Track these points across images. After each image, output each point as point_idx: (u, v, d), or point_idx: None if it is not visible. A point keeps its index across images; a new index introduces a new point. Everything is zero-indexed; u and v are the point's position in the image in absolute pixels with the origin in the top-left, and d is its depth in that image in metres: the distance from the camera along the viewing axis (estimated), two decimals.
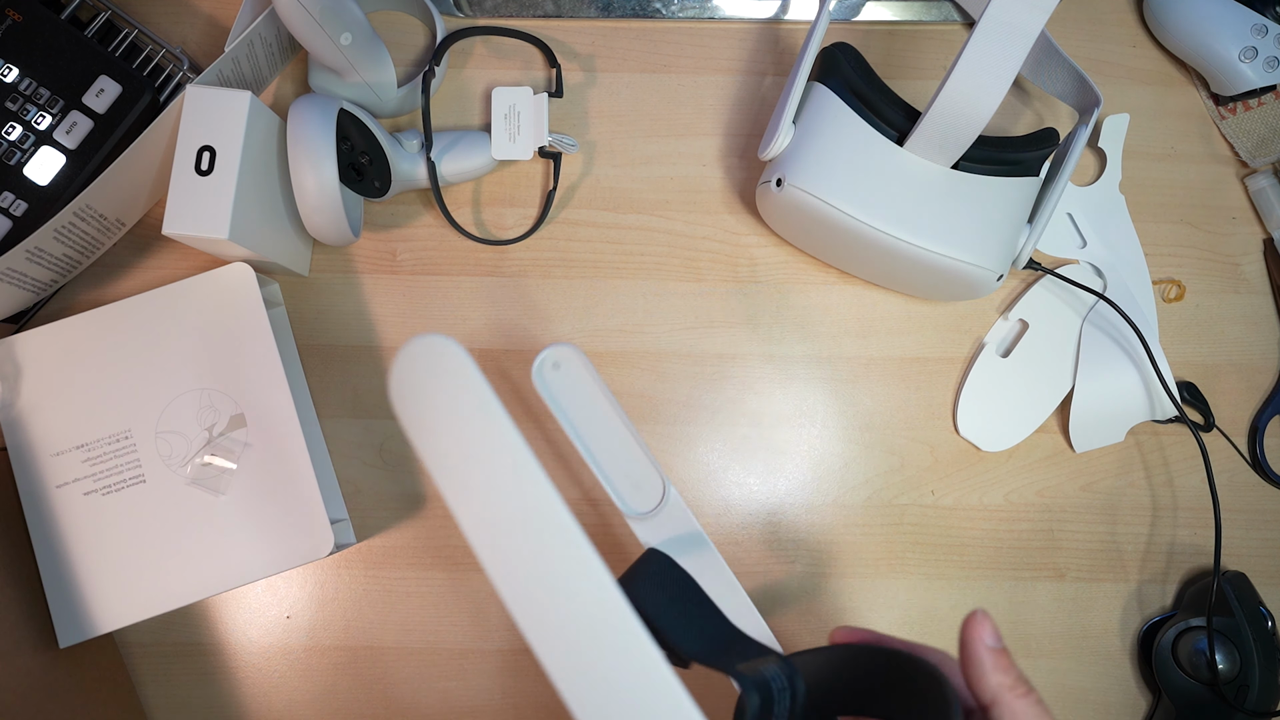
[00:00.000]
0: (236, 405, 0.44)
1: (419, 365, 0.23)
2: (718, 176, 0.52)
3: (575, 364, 0.37)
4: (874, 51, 0.53)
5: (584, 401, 0.37)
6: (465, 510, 0.23)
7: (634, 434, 0.39)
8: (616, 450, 0.38)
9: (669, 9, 0.53)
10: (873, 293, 0.51)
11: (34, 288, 0.45)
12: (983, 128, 0.40)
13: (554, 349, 0.36)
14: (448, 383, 0.23)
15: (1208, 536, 0.49)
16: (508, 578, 0.23)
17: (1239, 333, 0.51)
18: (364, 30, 0.46)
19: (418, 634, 0.48)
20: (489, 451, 0.23)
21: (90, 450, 0.43)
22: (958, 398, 0.50)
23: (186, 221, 0.41)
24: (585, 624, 0.22)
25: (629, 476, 0.39)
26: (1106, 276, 0.51)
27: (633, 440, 0.39)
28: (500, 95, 0.50)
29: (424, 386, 0.23)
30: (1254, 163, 0.52)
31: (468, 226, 0.51)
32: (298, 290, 0.50)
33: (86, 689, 0.43)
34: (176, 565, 0.43)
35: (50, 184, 0.45)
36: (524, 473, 0.23)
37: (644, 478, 0.39)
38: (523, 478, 0.23)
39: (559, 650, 0.23)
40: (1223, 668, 0.45)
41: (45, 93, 0.45)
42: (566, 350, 0.37)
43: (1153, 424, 0.50)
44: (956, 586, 0.49)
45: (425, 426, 0.23)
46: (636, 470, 0.39)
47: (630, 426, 0.38)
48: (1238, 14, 0.51)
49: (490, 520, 0.23)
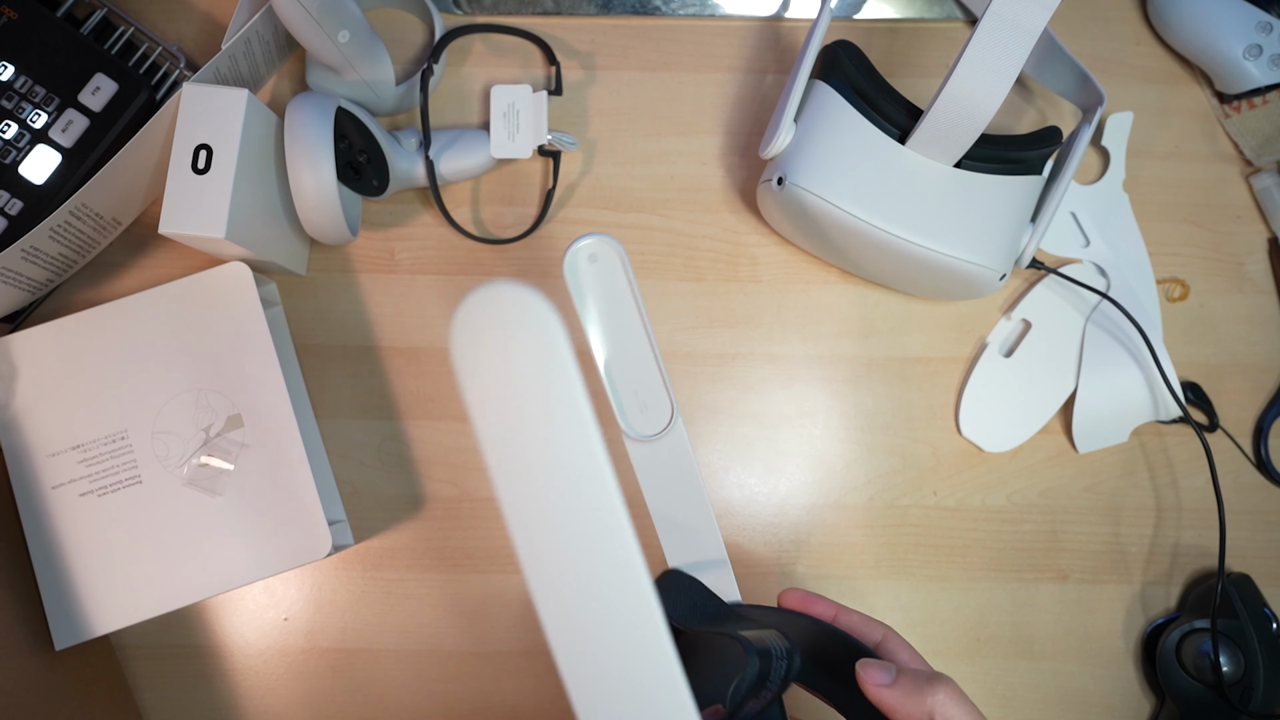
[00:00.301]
0: (233, 406, 0.44)
1: (495, 315, 0.20)
2: (718, 175, 0.52)
3: (613, 261, 0.33)
4: (876, 49, 0.53)
5: (611, 304, 0.34)
6: (507, 476, 0.21)
7: (655, 353, 0.35)
8: (631, 365, 0.35)
9: (669, 6, 0.53)
10: (874, 292, 0.51)
11: (29, 287, 0.45)
12: (985, 126, 0.40)
13: (595, 239, 0.33)
14: (529, 346, 0.20)
15: (1212, 538, 0.49)
16: (539, 557, 0.22)
17: (1243, 332, 0.51)
18: (362, 28, 0.46)
19: (416, 636, 0.48)
20: (553, 424, 0.21)
21: (86, 451, 0.43)
22: (960, 398, 0.50)
23: (183, 220, 0.40)
24: (611, 618, 0.22)
25: (638, 395, 0.36)
26: (1110, 276, 0.50)
27: (652, 359, 0.35)
28: (499, 93, 0.50)
29: (498, 342, 0.20)
30: (1259, 161, 0.52)
31: (467, 225, 0.51)
32: (295, 290, 0.50)
33: (83, 692, 0.43)
34: (173, 567, 0.42)
35: (46, 183, 0.45)
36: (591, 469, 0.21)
37: (654, 400, 0.36)
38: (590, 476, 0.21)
39: (563, 611, 0.22)
40: (1227, 670, 0.44)
41: (41, 91, 0.45)
42: (607, 244, 0.33)
43: (1156, 424, 0.50)
44: (959, 588, 0.49)
45: (487, 385, 0.21)
46: (647, 390, 0.36)
47: (654, 344, 0.35)
48: (1242, 12, 0.50)
49: (534, 494, 0.21)
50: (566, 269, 0.33)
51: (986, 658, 0.48)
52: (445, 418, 0.49)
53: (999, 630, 0.49)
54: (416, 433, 0.49)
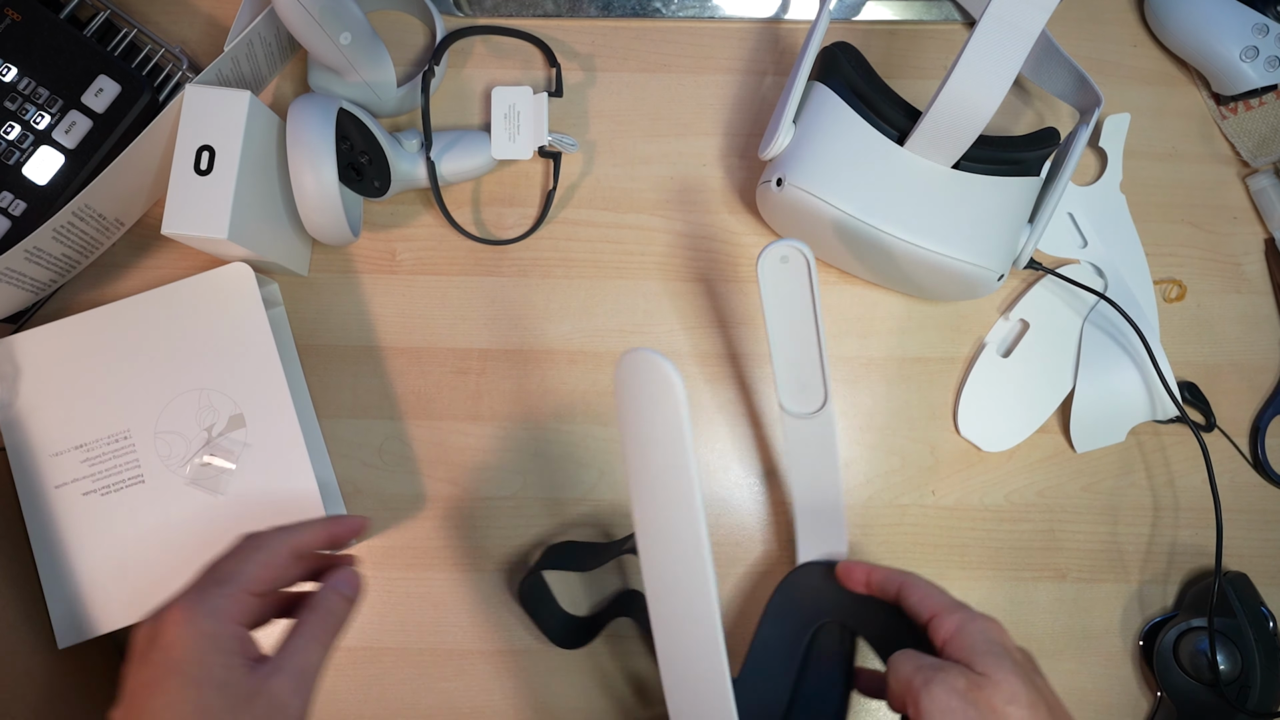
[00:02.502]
0: (236, 405, 0.44)
1: (639, 377, 0.28)
2: (718, 176, 0.52)
3: (799, 266, 0.38)
4: (874, 51, 0.53)
5: (791, 300, 0.39)
6: (639, 509, 0.32)
7: (821, 345, 0.40)
8: (798, 353, 0.41)
9: (669, 8, 0.53)
10: (873, 292, 0.51)
11: (33, 287, 0.45)
12: (983, 127, 0.40)
13: (787, 244, 0.37)
14: (659, 403, 0.28)
15: (1209, 537, 0.49)
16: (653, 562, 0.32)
17: (1240, 333, 0.51)
18: (363, 30, 0.46)
19: (417, 635, 0.48)
20: (672, 478, 0.30)
21: (89, 450, 0.43)
22: (958, 398, 0.50)
23: (186, 221, 0.41)
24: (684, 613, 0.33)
25: (799, 378, 0.42)
26: (1107, 276, 0.50)
27: (817, 349, 0.40)
28: (500, 95, 0.50)
29: (639, 397, 0.29)
30: (1255, 162, 0.52)
31: (467, 226, 0.51)
32: (297, 290, 0.50)
33: (89, 691, 0.43)
34: (175, 566, 0.43)
35: (49, 184, 0.45)
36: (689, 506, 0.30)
37: (811, 384, 0.42)
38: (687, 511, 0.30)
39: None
40: (1224, 668, 0.45)
41: (44, 92, 0.45)
42: (798, 250, 0.37)
43: (1154, 424, 0.50)
44: (958, 587, 0.49)
45: (632, 430, 0.30)
46: (808, 375, 0.41)
47: (821, 337, 0.40)
48: (1239, 13, 0.50)
49: (648, 496, 0.31)
50: (760, 267, 0.38)
51: None
52: (446, 417, 0.49)
53: None
54: (418, 432, 0.49)
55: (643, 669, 0.48)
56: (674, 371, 0.28)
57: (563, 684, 0.48)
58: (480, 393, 0.50)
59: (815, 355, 0.40)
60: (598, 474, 0.49)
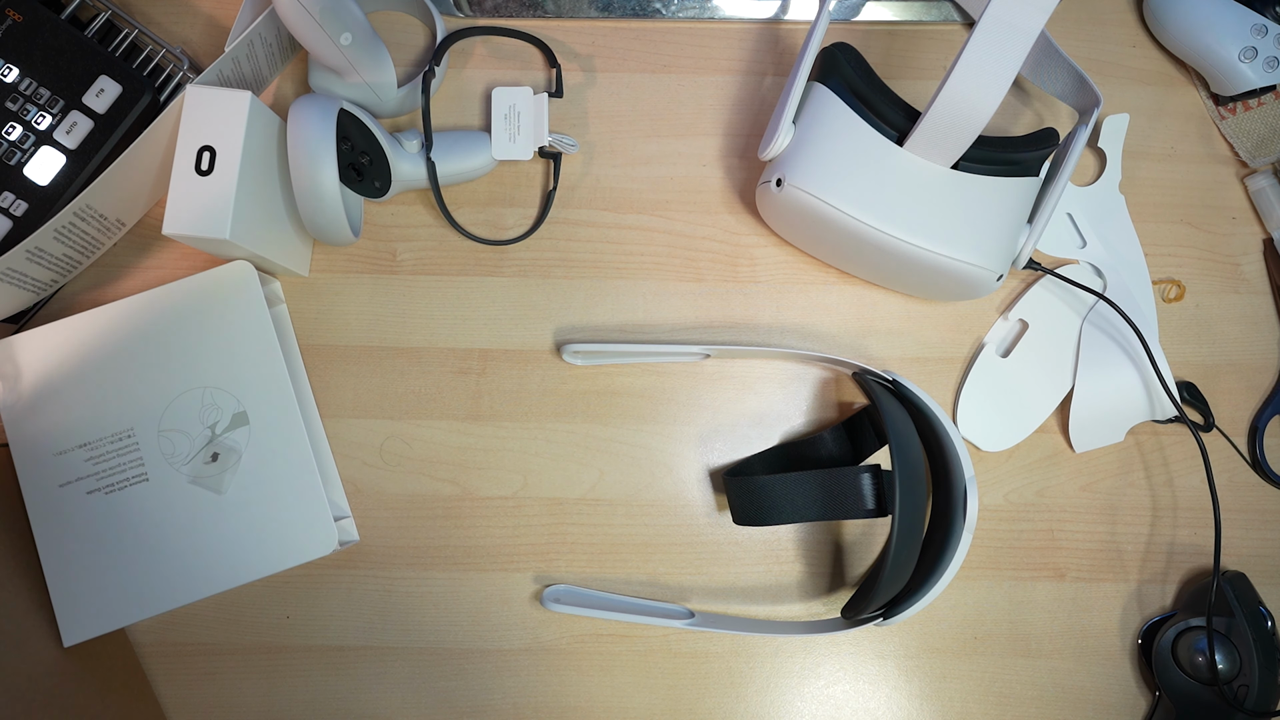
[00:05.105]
0: (239, 403, 0.44)
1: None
2: (718, 176, 0.52)
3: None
4: (874, 52, 0.53)
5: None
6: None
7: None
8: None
9: (669, 9, 0.53)
10: (873, 293, 0.51)
11: (34, 288, 0.45)
12: (982, 128, 0.40)
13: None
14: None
15: (1207, 536, 0.50)
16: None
17: (1239, 333, 0.51)
18: (364, 30, 0.46)
19: (418, 634, 0.48)
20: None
21: (93, 449, 0.44)
22: (957, 397, 0.50)
23: (187, 221, 0.41)
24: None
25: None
26: (1106, 276, 0.51)
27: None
28: (500, 95, 0.50)
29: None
30: (1254, 163, 0.52)
31: (468, 226, 0.51)
32: (298, 290, 0.50)
33: (98, 688, 0.43)
34: (179, 563, 0.43)
35: (50, 184, 0.45)
36: None
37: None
38: None
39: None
40: (1222, 667, 0.45)
41: (45, 93, 0.45)
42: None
43: (1153, 424, 0.50)
44: (956, 586, 0.49)
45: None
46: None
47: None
48: (1237, 14, 0.51)
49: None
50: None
51: (984, 655, 0.49)
52: (447, 417, 0.49)
53: (996, 628, 0.49)
54: (418, 432, 0.49)
55: (640, 670, 0.48)
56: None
57: (563, 684, 0.48)
58: (480, 393, 0.50)
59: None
60: (598, 474, 0.49)
